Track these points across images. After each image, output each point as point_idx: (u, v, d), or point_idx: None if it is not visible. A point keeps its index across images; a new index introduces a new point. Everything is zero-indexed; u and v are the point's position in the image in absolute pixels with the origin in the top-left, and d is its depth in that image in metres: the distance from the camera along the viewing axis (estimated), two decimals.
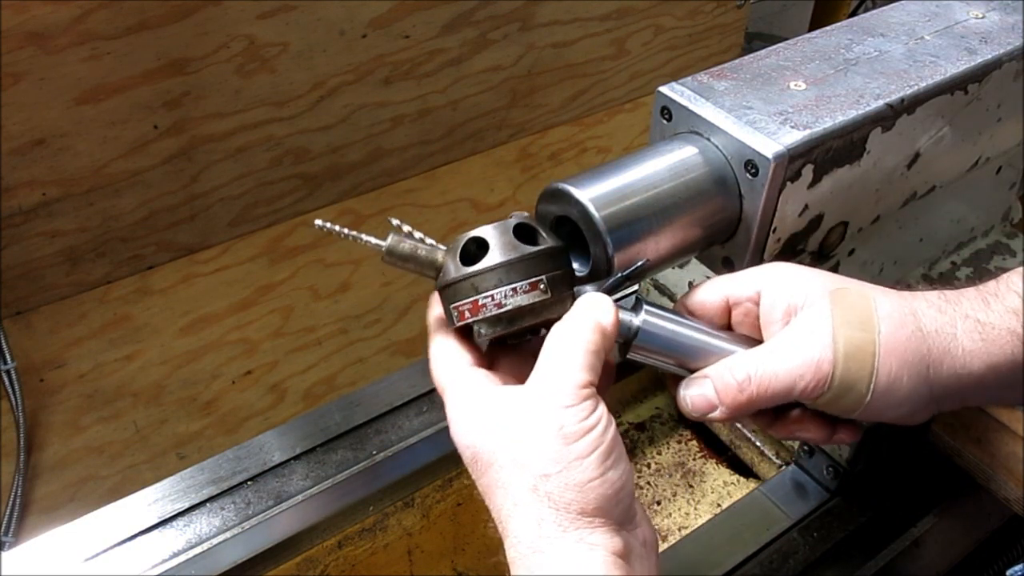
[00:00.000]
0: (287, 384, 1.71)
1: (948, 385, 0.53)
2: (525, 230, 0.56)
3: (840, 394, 0.53)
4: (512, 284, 0.54)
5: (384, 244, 0.56)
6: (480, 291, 0.54)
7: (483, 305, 0.54)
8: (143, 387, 1.56)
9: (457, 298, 0.55)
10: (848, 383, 0.52)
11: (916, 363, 0.52)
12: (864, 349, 0.52)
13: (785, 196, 0.64)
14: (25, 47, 1.23)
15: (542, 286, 0.54)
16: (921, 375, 0.53)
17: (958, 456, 0.82)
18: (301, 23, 1.45)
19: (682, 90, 0.68)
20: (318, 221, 0.57)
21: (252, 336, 1.65)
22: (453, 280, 0.55)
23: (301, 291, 1.69)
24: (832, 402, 0.54)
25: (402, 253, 0.56)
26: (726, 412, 0.55)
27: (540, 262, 0.55)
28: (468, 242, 0.55)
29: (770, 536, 0.79)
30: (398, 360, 1.81)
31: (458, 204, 1.86)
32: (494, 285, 0.54)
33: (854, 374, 0.52)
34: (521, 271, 0.54)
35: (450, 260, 0.56)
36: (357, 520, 0.85)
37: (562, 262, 0.57)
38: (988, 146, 0.80)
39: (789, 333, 0.55)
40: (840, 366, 0.52)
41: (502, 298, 0.54)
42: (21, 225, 1.34)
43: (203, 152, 1.46)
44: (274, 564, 0.81)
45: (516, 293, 0.54)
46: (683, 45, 2.08)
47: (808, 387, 0.53)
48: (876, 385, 0.52)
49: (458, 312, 0.55)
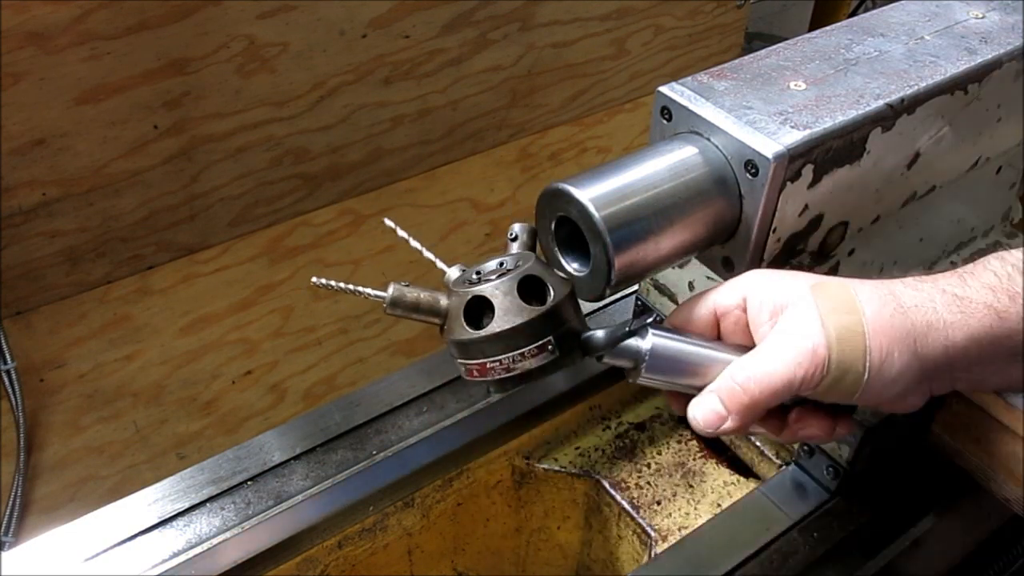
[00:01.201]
0: (287, 384, 1.71)
1: (936, 359, 0.55)
2: (531, 282, 0.55)
3: (838, 377, 0.55)
4: (520, 350, 0.53)
5: (386, 296, 0.56)
6: (488, 355, 0.53)
7: (491, 368, 0.54)
8: (143, 387, 1.56)
9: (466, 357, 0.54)
10: (844, 365, 0.54)
11: (903, 338, 0.55)
12: (853, 330, 0.54)
13: (785, 196, 0.64)
14: (25, 47, 1.23)
15: (550, 347, 0.54)
16: (910, 348, 0.55)
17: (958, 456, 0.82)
18: (301, 23, 1.46)
19: (682, 90, 0.68)
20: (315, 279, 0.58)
21: (252, 336, 1.65)
22: (459, 340, 0.54)
23: (301, 291, 1.69)
24: (832, 387, 0.55)
25: (404, 303, 0.55)
26: (737, 421, 0.56)
27: (547, 323, 0.54)
28: (472, 300, 0.54)
29: (770, 536, 0.79)
30: (398, 360, 1.81)
31: (458, 204, 1.86)
32: (501, 351, 0.53)
33: (848, 355, 0.54)
34: (528, 335, 0.53)
35: (455, 315, 0.55)
36: (357, 520, 0.85)
37: (569, 312, 0.56)
38: (988, 146, 0.80)
39: (780, 330, 0.56)
40: (834, 349, 0.54)
41: (510, 363, 0.53)
42: (21, 225, 1.34)
43: (203, 152, 1.46)
44: (274, 564, 0.81)
45: (524, 357, 0.53)
46: (683, 45, 2.08)
47: (808, 376, 0.54)
48: (871, 362, 0.54)
49: (467, 369, 0.55)
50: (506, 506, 0.97)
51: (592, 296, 0.64)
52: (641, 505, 0.88)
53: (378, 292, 0.56)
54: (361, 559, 0.87)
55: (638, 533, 0.88)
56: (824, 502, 0.83)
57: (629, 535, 0.90)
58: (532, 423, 0.92)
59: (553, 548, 1.01)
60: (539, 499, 0.96)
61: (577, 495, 0.94)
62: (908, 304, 0.56)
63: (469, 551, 0.99)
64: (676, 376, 0.59)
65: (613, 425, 0.96)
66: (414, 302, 0.55)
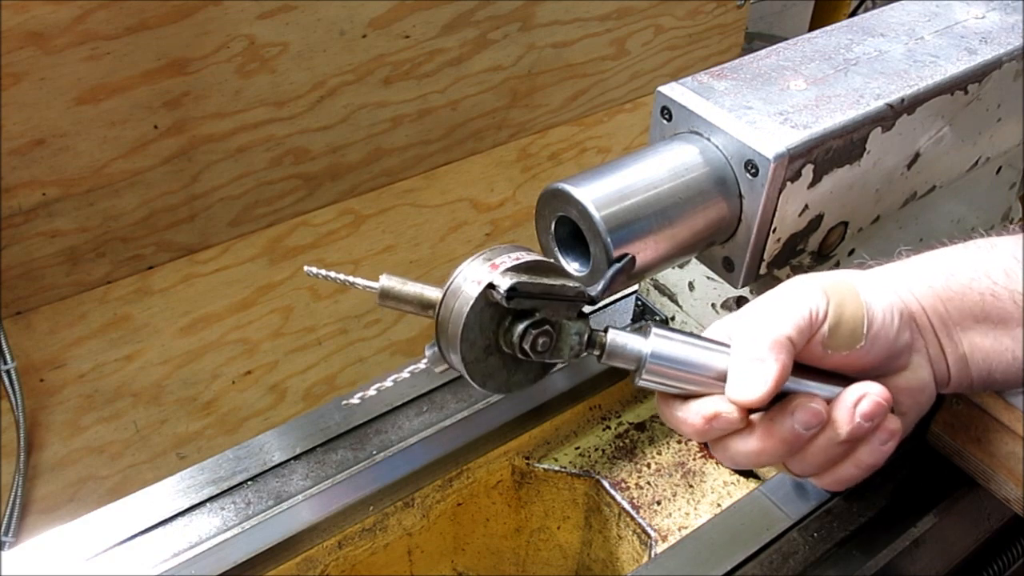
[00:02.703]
0: (287, 384, 1.71)
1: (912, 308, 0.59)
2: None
3: (839, 314, 0.55)
4: (517, 252, 0.54)
5: (377, 287, 0.56)
6: (491, 259, 0.54)
7: (500, 263, 0.54)
8: (143, 387, 1.56)
9: (467, 280, 0.54)
10: (840, 294, 0.56)
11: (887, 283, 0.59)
12: (844, 281, 0.57)
13: (785, 196, 0.64)
14: (25, 47, 1.23)
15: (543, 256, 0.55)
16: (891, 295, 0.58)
17: (958, 456, 0.82)
18: (301, 23, 1.45)
19: (682, 90, 0.68)
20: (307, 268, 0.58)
21: (252, 336, 1.65)
22: (456, 275, 0.55)
23: (301, 291, 1.69)
24: (837, 323, 0.55)
25: (395, 294, 0.56)
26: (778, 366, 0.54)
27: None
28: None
29: (770, 536, 0.79)
30: (398, 360, 1.81)
31: (458, 204, 1.86)
32: (503, 252, 0.54)
33: (840, 288, 0.56)
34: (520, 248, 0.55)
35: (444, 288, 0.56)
36: (357, 520, 0.85)
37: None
38: (988, 146, 0.80)
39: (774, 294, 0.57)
40: (827, 282, 0.57)
41: (517, 253, 0.55)
42: (21, 225, 1.34)
43: (203, 152, 1.46)
44: (274, 564, 0.81)
45: (527, 253, 0.55)
46: (683, 45, 2.08)
47: (814, 310, 0.55)
48: (863, 293, 0.56)
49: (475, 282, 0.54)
50: (506, 506, 0.97)
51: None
52: (641, 505, 0.88)
53: (369, 283, 0.57)
54: (361, 559, 0.87)
55: (638, 533, 0.88)
56: (824, 502, 0.83)
57: (629, 535, 0.90)
58: (532, 423, 0.92)
59: (553, 548, 1.01)
60: (539, 499, 0.96)
61: (577, 495, 0.94)
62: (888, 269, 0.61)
63: (469, 551, 0.99)
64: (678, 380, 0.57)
65: (613, 425, 0.96)
66: (404, 293, 0.56)
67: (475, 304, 0.54)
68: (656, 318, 0.96)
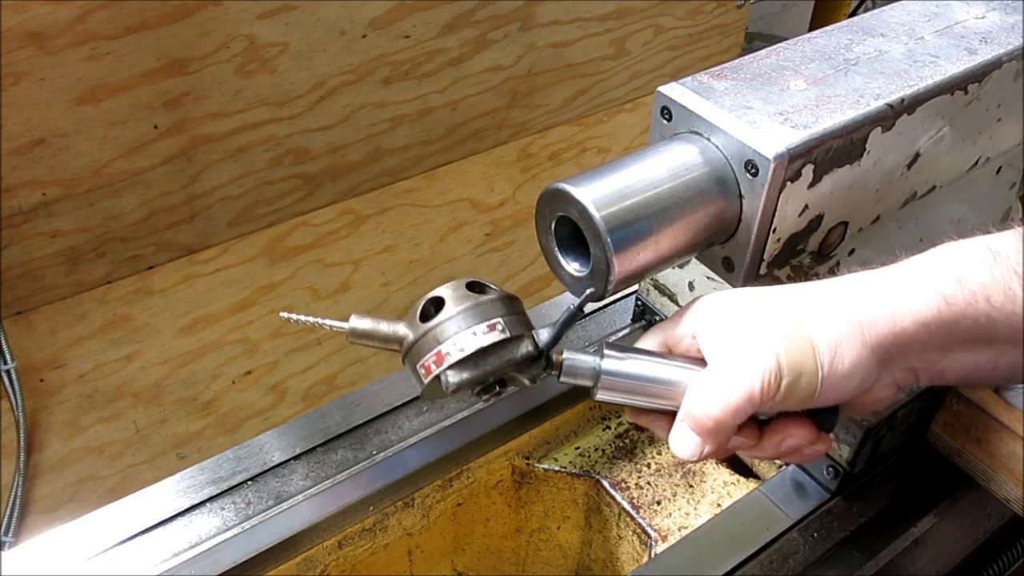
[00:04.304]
0: (287, 384, 1.71)
1: (887, 346, 0.56)
2: (477, 285, 0.59)
3: (793, 380, 0.55)
4: (471, 327, 0.56)
5: (346, 326, 0.59)
6: (441, 341, 0.57)
7: (447, 353, 0.57)
8: (143, 387, 1.56)
9: (422, 355, 0.58)
10: (796, 367, 0.55)
11: (850, 330, 0.55)
12: (799, 331, 0.55)
13: (785, 196, 0.64)
14: (25, 47, 1.23)
15: (499, 326, 0.57)
16: (859, 339, 0.55)
17: (958, 456, 0.82)
18: (301, 23, 1.46)
19: (682, 90, 0.68)
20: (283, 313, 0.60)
21: (252, 336, 1.65)
22: (416, 339, 0.58)
23: (301, 291, 1.69)
24: (791, 391, 0.56)
25: (365, 332, 0.59)
26: (712, 444, 0.57)
27: (494, 306, 0.58)
28: (426, 304, 0.58)
29: (770, 536, 0.79)
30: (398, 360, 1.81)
31: (458, 204, 1.86)
32: (454, 332, 0.56)
33: (797, 356, 0.55)
34: (477, 315, 0.57)
35: (410, 326, 0.58)
36: (357, 520, 0.85)
37: (516, 307, 0.60)
38: (988, 146, 0.80)
39: (731, 353, 0.57)
40: (783, 352, 0.55)
41: (463, 343, 0.56)
42: (21, 225, 1.34)
43: (203, 152, 1.46)
44: (274, 564, 0.81)
45: (476, 335, 0.56)
46: (683, 45, 2.08)
47: (764, 385, 0.55)
48: (821, 359, 0.55)
49: (424, 368, 0.58)
50: (506, 506, 0.97)
51: (593, 296, 0.64)
52: (641, 505, 0.88)
53: (340, 323, 0.59)
54: (361, 559, 0.87)
55: (638, 533, 0.88)
56: (824, 502, 0.83)
57: (629, 535, 0.90)
58: (532, 423, 0.92)
59: (553, 548, 1.01)
60: (539, 499, 0.96)
61: (577, 495, 0.94)
62: (853, 295, 0.57)
63: (469, 551, 0.99)
64: (634, 394, 0.61)
65: (613, 425, 0.96)
66: (373, 330, 0.59)
67: (428, 385, 0.59)
68: (656, 318, 0.96)
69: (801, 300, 0.57)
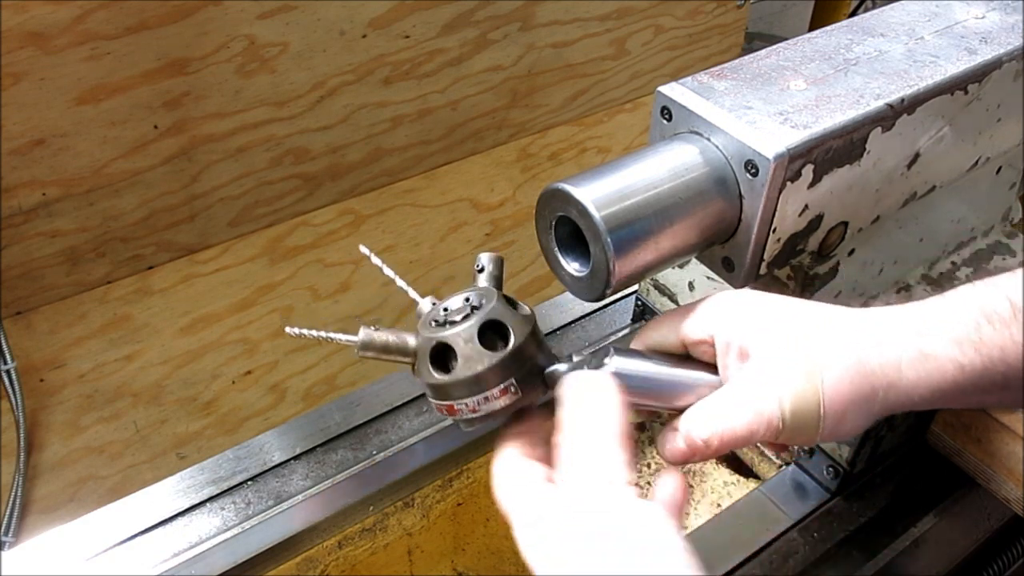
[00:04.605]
0: (287, 384, 1.71)
1: (894, 407, 0.57)
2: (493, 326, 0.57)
3: (792, 436, 0.57)
4: (483, 393, 0.56)
5: (356, 340, 0.58)
6: (454, 398, 0.56)
7: (458, 410, 0.57)
8: (143, 387, 1.56)
9: (435, 397, 0.57)
10: (799, 427, 0.56)
11: (861, 401, 0.56)
12: (808, 400, 0.55)
13: (785, 196, 0.64)
14: (25, 47, 1.23)
15: (512, 389, 0.56)
16: (867, 409, 0.56)
17: (958, 456, 0.82)
18: (301, 23, 1.45)
19: (682, 90, 0.68)
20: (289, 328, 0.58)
21: (252, 336, 1.65)
22: (427, 383, 0.57)
23: (301, 291, 1.69)
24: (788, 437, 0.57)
25: (375, 345, 0.58)
26: (700, 459, 0.58)
27: (508, 366, 0.56)
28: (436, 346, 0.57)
29: (770, 536, 0.79)
30: None
31: (458, 204, 1.86)
32: (466, 395, 0.56)
33: (802, 420, 0.56)
34: (490, 380, 0.55)
35: (422, 358, 0.57)
36: (357, 520, 0.85)
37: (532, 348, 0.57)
38: (988, 146, 0.80)
39: (741, 386, 0.57)
40: (788, 416, 0.55)
41: (476, 405, 0.56)
42: (21, 225, 1.34)
43: (203, 152, 1.46)
44: (274, 564, 0.81)
45: (488, 400, 0.56)
46: (683, 45, 2.08)
47: (764, 434, 0.57)
48: (824, 426, 0.56)
49: (436, 407, 0.58)
50: None
51: (592, 296, 0.64)
52: None
53: (350, 337, 0.58)
54: (361, 559, 0.87)
55: None
56: (824, 502, 0.83)
57: None
58: None
59: None
60: None
61: None
62: (872, 365, 0.55)
63: (469, 551, 0.99)
64: (642, 399, 0.60)
65: None
66: (384, 344, 0.58)
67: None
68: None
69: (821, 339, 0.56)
